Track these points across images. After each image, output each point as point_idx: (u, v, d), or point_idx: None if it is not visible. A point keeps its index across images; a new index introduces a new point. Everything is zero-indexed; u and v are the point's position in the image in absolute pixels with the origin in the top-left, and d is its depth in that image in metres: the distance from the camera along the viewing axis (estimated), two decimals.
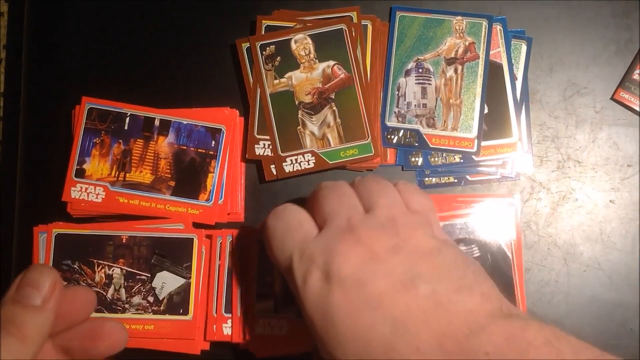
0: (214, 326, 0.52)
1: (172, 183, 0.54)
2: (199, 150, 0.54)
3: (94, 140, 0.54)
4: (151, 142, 0.55)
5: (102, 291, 0.52)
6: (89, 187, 0.54)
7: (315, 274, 0.38)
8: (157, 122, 0.55)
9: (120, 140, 0.55)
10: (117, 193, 0.54)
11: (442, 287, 0.36)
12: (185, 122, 0.55)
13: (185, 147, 0.55)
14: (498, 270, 0.54)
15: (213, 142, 0.55)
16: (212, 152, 0.54)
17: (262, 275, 0.52)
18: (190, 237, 0.53)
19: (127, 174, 0.54)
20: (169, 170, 0.54)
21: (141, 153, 0.54)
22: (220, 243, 0.53)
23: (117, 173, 0.54)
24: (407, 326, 0.35)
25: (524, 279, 0.54)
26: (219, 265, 0.53)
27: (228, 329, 0.52)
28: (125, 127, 0.55)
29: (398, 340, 0.35)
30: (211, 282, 0.53)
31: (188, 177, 0.54)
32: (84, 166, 0.54)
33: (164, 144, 0.55)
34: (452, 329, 0.34)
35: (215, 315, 0.52)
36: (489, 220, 0.54)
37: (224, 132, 0.55)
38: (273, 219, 0.44)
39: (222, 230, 0.54)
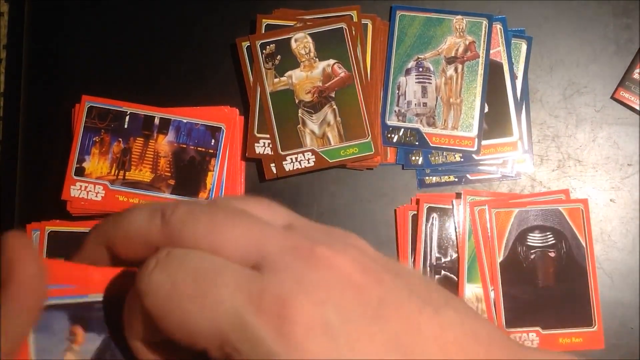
0: None
1: (172, 181, 0.54)
2: (199, 148, 0.54)
3: (94, 139, 0.54)
4: (151, 141, 0.55)
5: None
6: (89, 185, 0.54)
7: (304, 323, 0.24)
8: (156, 121, 0.55)
9: (120, 139, 0.54)
10: (116, 192, 0.54)
11: (454, 304, 0.28)
12: (185, 121, 0.55)
13: (185, 146, 0.55)
14: (572, 258, 0.54)
15: (213, 141, 0.55)
16: (212, 151, 0.54)
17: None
18: None
19: (127, 173, 0.54)
20: (168, 169, 0.54)
21: (141, 151, 0.54)
22: None
23: (116, 171, 0.54)
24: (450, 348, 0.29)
25: (596, 269, 0.55)
26: None
27: None
28: (125, 126, 0.55)
29: None
30: None
31: (188, 175, 0.54)
32: (84, 165, 0.54)
33: (164, 143, 0.55)
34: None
35: None
36: (561, 210, 0.55)
37: (223, 130, 0.55)
38: (160, 272, 0.25)
39: None
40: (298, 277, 0.25)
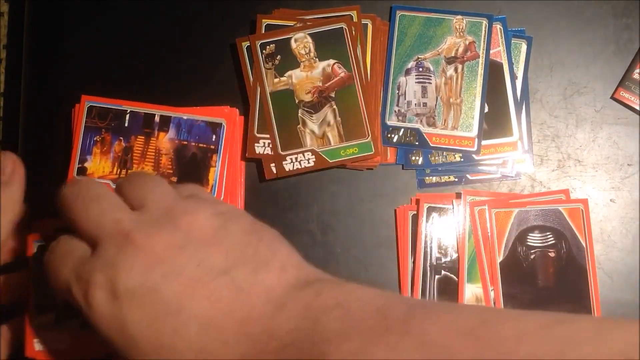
0: None
1: (174, 179, 0.54)
2: (200, 145, 0.55)
3: (95, 139, 0.54)
4: (152, 139, 0.55)
5: None
6: None
7: (98, 294, 0.34)
8: (157, 118, 0.55)
9: (121, 138, 0.55)
10: None
11: (239, 272, 0.35)
12: (185, 117, 0.55)
13: (186, 143, 0.55)
14: (572, 258, 0.54)
15: (214, 137, 0.55)
16: (213, 147, 0.54)
17: (40, 285, 0.47)
18: None
19: (129, 171, 0.54)
20: (170, 166, 0.54)
21: (142, 150, 0.54)
22: None
23: (119, 170, 0.54)
24: (212, 322, 0.33)
25: (596, 269, 0.55)
26: None
27: None
28: (126, 124, 0.55)
29: (205, 339, 0.33)
30: None
31: (190, 172, 0.54)
32: (86, 165, 0.54)
33: (165, 140, 0.55)
34: (256, 312, 0.33)
35: None
36: (561, 210, 0.55)
37: (224, 126, 0.55)
38: (48, 254, 0.39)
39: None
40: (107, 259, 0.35)
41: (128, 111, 0.55)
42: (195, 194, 0.40)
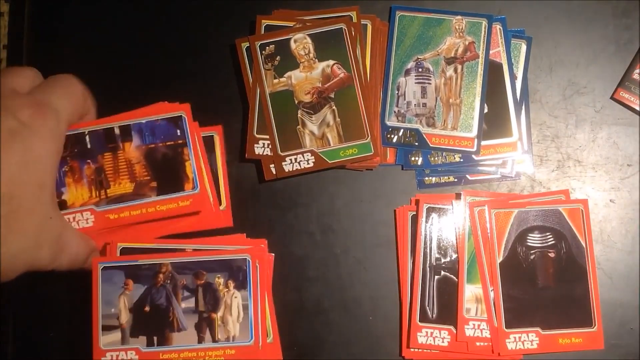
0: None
1: (154, 184, 0.53)
2: (168, 143, 0.54)
3: (63, 169, 0.53)
4: (119, 152, 0.53)
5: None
6: (76, 215, 0.52)
7: None
8: (117, 130, 0.54)
9: (89, 160, 0.53)
10: (105, 212, 0.52)
11: None
12: (144, 121, 0.54)
13: (153, 145, 0.54)
14: (571, 259, 0.54)
15: (178, 131, 0.54)
16: (181, 141, 0.54)
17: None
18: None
19: (108, 190, 0.53)
20: (146, 173, 0.53)
21: (113, 165, 0.53)
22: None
23: (97, 193, 0.53)
24: None
25: (596, 269, 0.55)
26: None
27: None
28: (88, 146, 0.53)
29: None
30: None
31: (167, 172, 0.53)
32: (63, 197, 0.53)
33: (132, 149, 0.53)
34: None
35: None
36: (561, 210, 0.55)
37: (184, 117, 0.54)
38: None
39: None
40: None
41: (86, 132, 0.53)
42: None
